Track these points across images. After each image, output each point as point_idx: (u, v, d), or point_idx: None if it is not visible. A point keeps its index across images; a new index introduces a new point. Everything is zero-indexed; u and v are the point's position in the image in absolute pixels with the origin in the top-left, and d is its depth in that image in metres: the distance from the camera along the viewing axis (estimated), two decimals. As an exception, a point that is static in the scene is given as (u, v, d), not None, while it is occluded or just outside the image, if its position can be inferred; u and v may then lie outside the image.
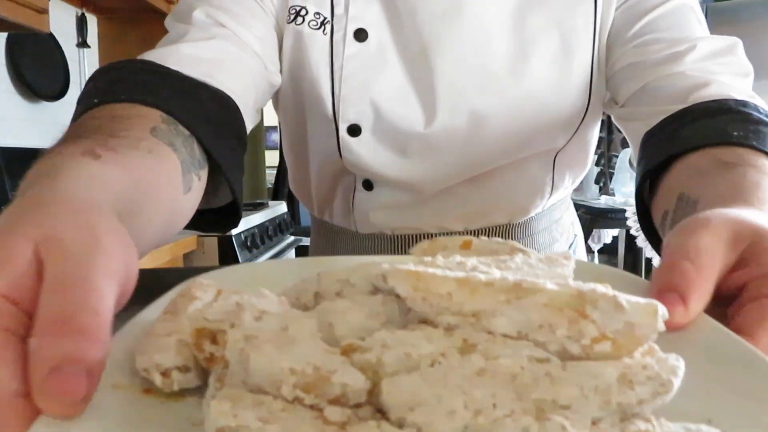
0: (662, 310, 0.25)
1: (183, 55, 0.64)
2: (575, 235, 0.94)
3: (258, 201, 2.89)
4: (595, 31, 0.73)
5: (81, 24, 2.48)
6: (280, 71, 0.76)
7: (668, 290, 0.31)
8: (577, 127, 0.77)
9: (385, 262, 0.32)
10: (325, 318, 0.30)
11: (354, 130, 0.74)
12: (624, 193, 3.07)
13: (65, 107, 2.33)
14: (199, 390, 0.30)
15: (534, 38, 0.72)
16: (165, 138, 0.53)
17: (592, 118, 0.79)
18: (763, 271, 0.33)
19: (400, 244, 0.82)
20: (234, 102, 0.64)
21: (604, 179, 3.43)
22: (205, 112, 0.59)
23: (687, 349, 0.26)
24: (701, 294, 0.31)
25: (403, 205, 0.79)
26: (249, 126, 0.68)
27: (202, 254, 1.84)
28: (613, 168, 3.34)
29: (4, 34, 2.04)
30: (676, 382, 0.23)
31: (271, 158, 4.11)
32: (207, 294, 0.34)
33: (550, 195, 0.83)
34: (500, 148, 0.75)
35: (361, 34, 0.73)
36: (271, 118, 3.10)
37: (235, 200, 0.63)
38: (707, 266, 0.32)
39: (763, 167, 0.49)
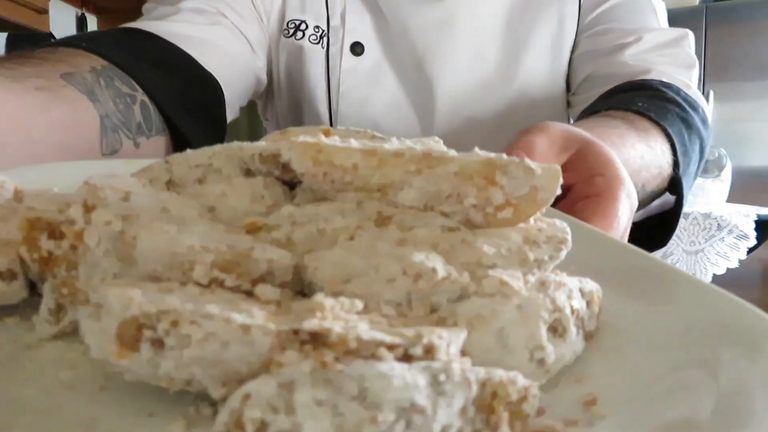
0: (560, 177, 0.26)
1: (174, 32, 0.63)
2: None
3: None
4: (579, 19, 0.75)
5: (81, 24, 2.48)
6: (271, 80, 0.76)
7: None
8: (567, 114, 0.78)
9: (244, 145, 0.29)
10: (204, 203, 0.26)
11: None
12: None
13: (65, 107, 2.34)
14: (22, 309, 0.24)
15: (527, 37, 0.74)
16: (81, 86, 0.50)
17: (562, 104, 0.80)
18: (589, 173, 0.37)
19: None
20: (219, 85, 0.63)
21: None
22: (179, 87, 0.58)
23: None
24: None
25: None
26: (229, 113, 0.68)
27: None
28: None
29: (4, 34, 2.04)
30: (569, 239, 0.26)
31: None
32: (4, 191, 0.27)
33: None
34: (493, 140, 0.76)
35: (357, 48, 0.73)
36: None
37: None
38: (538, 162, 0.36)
39: (642, 129, 0.54)
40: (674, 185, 0.56)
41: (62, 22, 2.38)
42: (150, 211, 0.23)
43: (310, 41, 0.73)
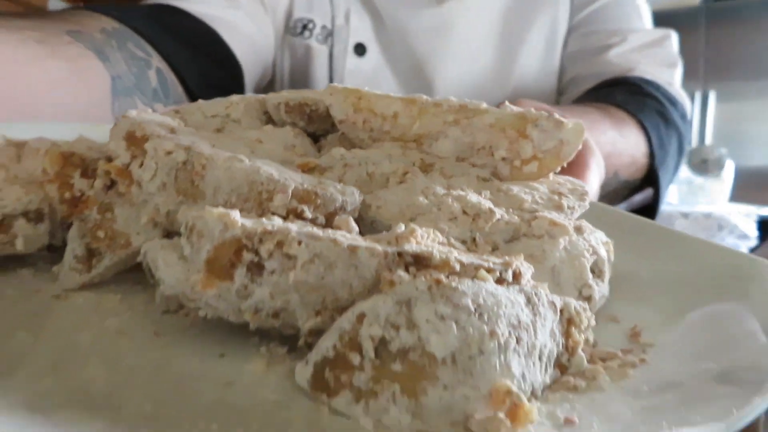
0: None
1: (202, 11, 0.62)
2: None
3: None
4: (570, 20, 0.77)
5: (81, 25, 2.48)
6: (273, 77, 0.77)
7: None
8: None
9: (266, 96, 0.30)
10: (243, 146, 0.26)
11: None
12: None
13: (65, 108, 2.33)
14: (34, 260, 0.22)
15: (521, 39, 0.75)
16: (88, 43, 0.47)
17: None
18: None
19: None
20: (241, 67, 0.64)
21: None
22: (204, 63, 0.58)
23: None
24: None
25: None
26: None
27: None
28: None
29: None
30: (591, 191, 0.27)
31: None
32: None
33: None
34: None
35: (359, 49, 0.73)
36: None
37: None
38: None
39: (618, 119, 0.57)
40: (651, 177, 0.58)
41: (62, 24, 2.38)
42: (204, 146, 0.22)
43: (317, 41, 0.73)
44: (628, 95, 0.63)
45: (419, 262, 0.19)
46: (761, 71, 2.46)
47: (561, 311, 0.20)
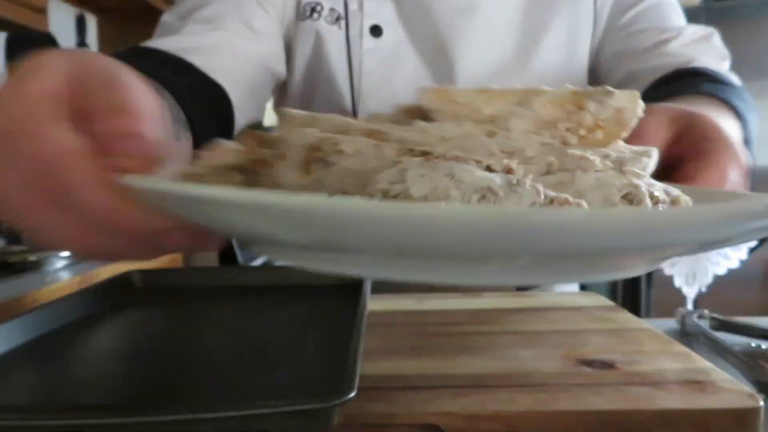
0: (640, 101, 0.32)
1: (180, 46, 0.65)
2: None
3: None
4: (595, 16, 0.79)
5: (80, 24, 2.48)
6: (289, 69, 0.78)
7: None
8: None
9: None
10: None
11: None
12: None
13: (65, 107, 2.33)
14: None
15: (544, 27, 0.77)
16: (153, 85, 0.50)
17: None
18: (696, 141, 0.42)
19: None
20: (221, 87, 0.65)
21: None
22: (191, 90, 0.59)
23: None
24: None
25: None
26: (243, 115, 0.70)
27: (201, 254, 1.84)
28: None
29: (4, 34, 2.04)
30: (654, 154, 0.31)
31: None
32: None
33: None
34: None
35: (376, 31, 0.76)
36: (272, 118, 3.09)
37: None
38: (650, 142, 0.40)
39: (716, 107, 0.57)
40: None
41: (61, 22, 2.38)
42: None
43: (325, 22, 0.75)
44: (710, 85, 0.63)
45: (425, 154, 0.27)
46: (761, 71, 2.46)
47: (551, 200, 0.24)
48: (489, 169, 0.26)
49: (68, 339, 0.52)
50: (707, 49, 0.75)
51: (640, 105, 0.31)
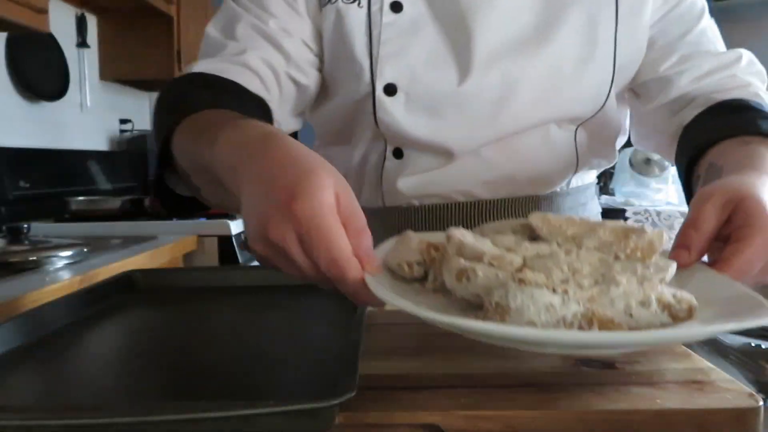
0: (666, 235, 0.45)
1: (221, 66, 0.74)
2: None
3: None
4: (617, 8, 0.79)
5: (81, 24, 2.48)
6: (321, 60, 0.82)
7: (680, 247, 0.50)
8: (603, 104, 0.82)
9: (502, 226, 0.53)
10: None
11: (390, 90, 0.78)
12: (624, 192, 3.06)
13: (65, 107, 2.33)
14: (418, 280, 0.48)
15: (562, 9, 0.78)
16: None
17: (617, 102, 0.85)
18: (739, 225, 0.49)
19: (427, 216, 0.84)
20: (267, 104, 0.73)
21: (604, 179, 3.43)
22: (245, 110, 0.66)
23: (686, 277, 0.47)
24: (698, 248, 0.49)
25: (432, 171, 0.82)
26: (288, 127, 0.80)
27: (202, 254, 1.84)
28: (614, 168, 3.34)
29: (4, 34, 2.03)
30: (672, 267, 0.43)
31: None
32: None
33: (575, 172, 0.87)
34: (528, 114, 0.80)
35: (396, 7, 0.77)
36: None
37: None
38: (704, 230, 0.50)
39: None
40: None
41: (62, 22, 2.38)
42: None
43: (344, 2, 0.78)
44: (764, 120, 0.68)
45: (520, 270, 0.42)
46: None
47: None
48: (554, 289, 0.39)
49: (68, 339, 0.52)
50: (756, 74, 0.80)
51: (665, 240, 0.45)
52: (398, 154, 0.82)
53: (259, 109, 0.71)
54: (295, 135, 0.84)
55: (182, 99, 0.66)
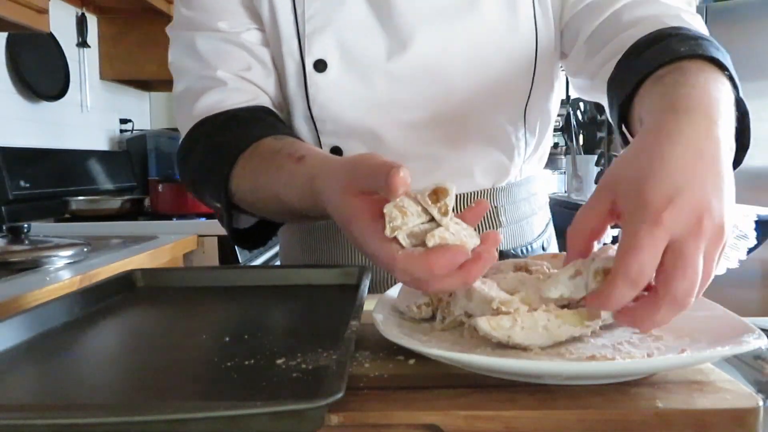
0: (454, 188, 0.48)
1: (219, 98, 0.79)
2: (549, 217, 0.99)
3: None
4: None
5: (81, 24, 2.48)
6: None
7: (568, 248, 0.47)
8: (534, 71, 0.80)
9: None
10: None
11: (320, 66, 0.77)
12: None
13: (65, 107, 2.33)
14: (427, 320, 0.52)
15: None
16: None
17: (548, 64, 0.82)
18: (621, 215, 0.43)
19: None
20: (270, 109, 0.80)
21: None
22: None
23: None
24: (577, 248, 0.46)
25: None
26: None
27: (202, 254, 1.84)
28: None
29: (4, 34, 2.03)
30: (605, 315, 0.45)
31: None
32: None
33: (526, 154, 0.86)
34: (464, 86, 0.78)
35: None
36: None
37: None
38: (579, 230, 0.46)
39: (695, 71, 0.56)
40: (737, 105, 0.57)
41: (62, 22, 2.38)
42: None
43: None
44: (683, 43, 0.61)
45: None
46: (761, 71, 2.46)
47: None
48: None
49: (69, 337, 0.52)
50: None
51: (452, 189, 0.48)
52: (337, 151, 0.82)
53: (270, 128, 0.75)
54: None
55: (213, 161, 0.73)
